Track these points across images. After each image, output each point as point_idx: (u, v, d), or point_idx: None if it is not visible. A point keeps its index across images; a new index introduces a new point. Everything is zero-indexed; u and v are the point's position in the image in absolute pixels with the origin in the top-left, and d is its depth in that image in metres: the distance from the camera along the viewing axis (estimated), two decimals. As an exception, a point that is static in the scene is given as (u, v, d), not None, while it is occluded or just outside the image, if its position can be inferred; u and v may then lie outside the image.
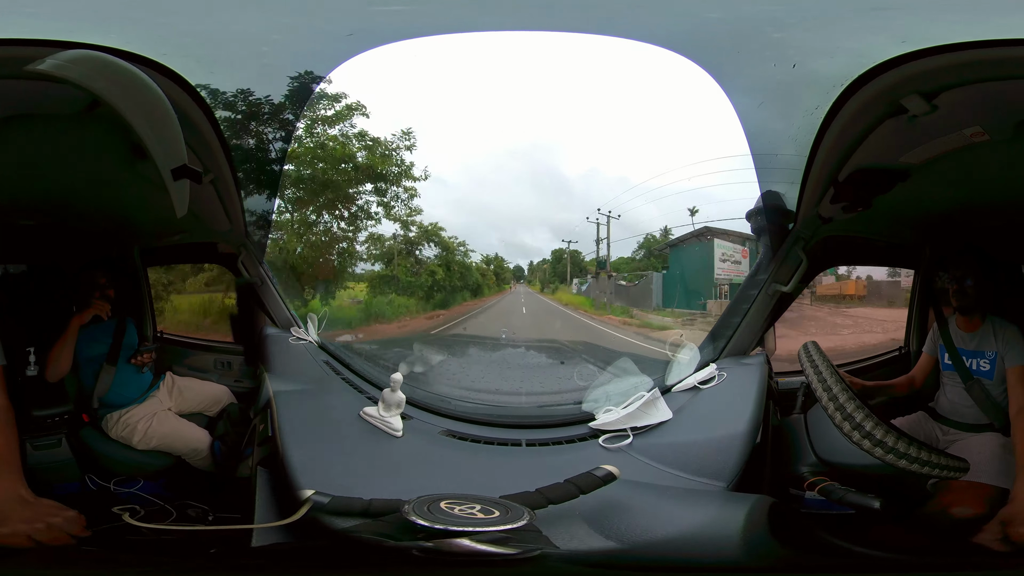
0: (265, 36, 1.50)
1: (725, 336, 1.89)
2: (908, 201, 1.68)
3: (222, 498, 1.68)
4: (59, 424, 1.73)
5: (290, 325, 2.17)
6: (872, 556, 1.18)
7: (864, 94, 1.39)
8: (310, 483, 1.22)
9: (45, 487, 1.39)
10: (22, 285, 1.95)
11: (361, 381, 1.84)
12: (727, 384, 1.67)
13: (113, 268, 1.93)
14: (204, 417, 1.97)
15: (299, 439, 1.40)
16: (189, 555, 1.19)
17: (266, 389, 1.68)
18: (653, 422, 1.54)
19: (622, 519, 1.12)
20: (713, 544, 1.07)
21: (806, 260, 1.80)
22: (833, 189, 1.67)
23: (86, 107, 1.37)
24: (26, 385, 1.68)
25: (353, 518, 1.13)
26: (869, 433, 1.30)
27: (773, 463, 1.59)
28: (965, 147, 1.45)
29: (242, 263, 2.13)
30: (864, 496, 1.37)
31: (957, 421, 1.69)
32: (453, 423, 1.65)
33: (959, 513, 1.38)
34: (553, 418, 1.70)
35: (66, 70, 1.15)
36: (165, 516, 1.53)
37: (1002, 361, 1.60)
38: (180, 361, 2.14)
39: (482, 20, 1.65)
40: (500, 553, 0.97)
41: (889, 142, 1.49)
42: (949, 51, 1.23)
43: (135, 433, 1.81)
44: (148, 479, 1.81)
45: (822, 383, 1.42)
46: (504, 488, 1.18)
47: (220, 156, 1.78)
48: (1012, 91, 1.28)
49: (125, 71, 1.24)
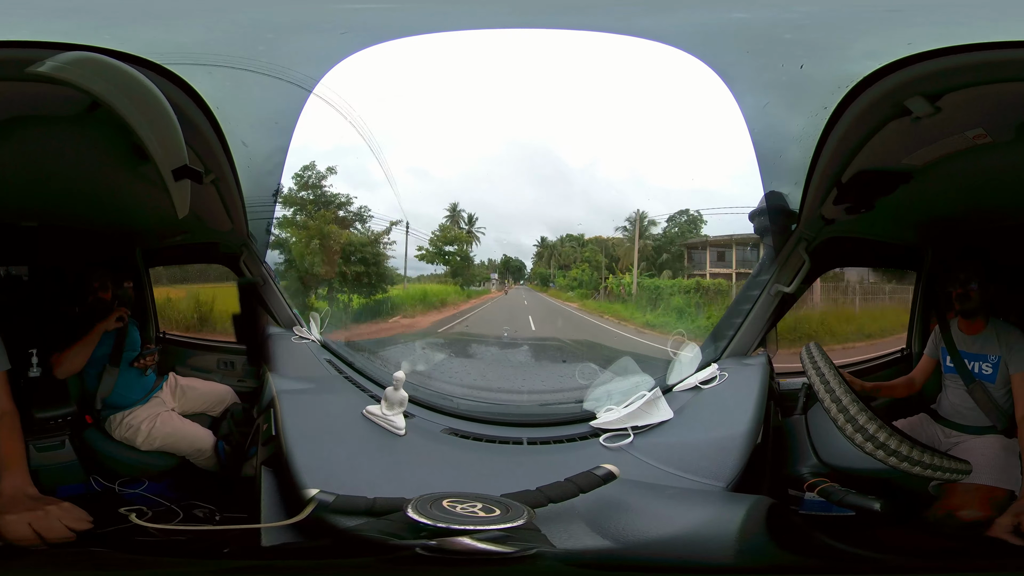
0: (259, 35, 1.49)
1: (727, 336, 1.89)
2: (911, 203, 1.68)
3: (228, 498, 1.69)
4: (62, 426, 1.73)
5: (293, 324, 2.17)
6: (870, 558, 1.18)
7: (869, 96, 1.38)
8: (314, 482, 1.23)
9: (49, 489, 1.39)
10: (23, 287, 1.96)
11: (364, 379, 1.85)
12: (728, 384, 1.68)
13: (121, 270, 1.94)
14: (208, 417, 1.98)
15: (303, 438, 1.40)
16: (199, 555, 1.20)
17: (269, 388, 1.69)
18: (654, 421, 1.54)
19: (621, 518, 1.13)
20: (710, 545, 1.08)
21: (809, 261, 1.79)
22: (836, 190, 1.67)
23: (86, 109, 1.37)
24: (29, 387, 1.69)
25: (357, 517, 1.14)
26: (872, 435, 1.31)
27: (773, 464, 1.60)
28: (968, 149, 1.45)
29: (244, 263, 2.13)
30: (864, 498, 1.38)
31: (959, 423, 1.69)
32: (455, 421, 1.66)
33: (965, 516, 1.39)
34: (554, 417, 1.71)
35: (66, 72, 1.15)
36: (172, 517, 1.53)
37: (1005, 365, 1.61)
38: (183, 361, 2.15)
39: (483, 19, 1.63)
40: (499, 552, 0.97)
41: (893, 144, 1.49)
42: (953, 53, 1.22)
43: (138, 434, 1.82)
44: (153, 480, 1.81)
45: (824, 384, 1.42)
46: (505, 486, 1.19)
47: (220, 156, 1.77)
48: (1015, 93, 1.28)
49: (124, 73, 1.24)
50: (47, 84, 1.18)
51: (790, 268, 1.83)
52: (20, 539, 1.13)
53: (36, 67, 1.15)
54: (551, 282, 2.97)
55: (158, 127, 1.28)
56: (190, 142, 1.41)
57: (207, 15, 1.36)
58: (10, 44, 1.24)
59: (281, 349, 2.00)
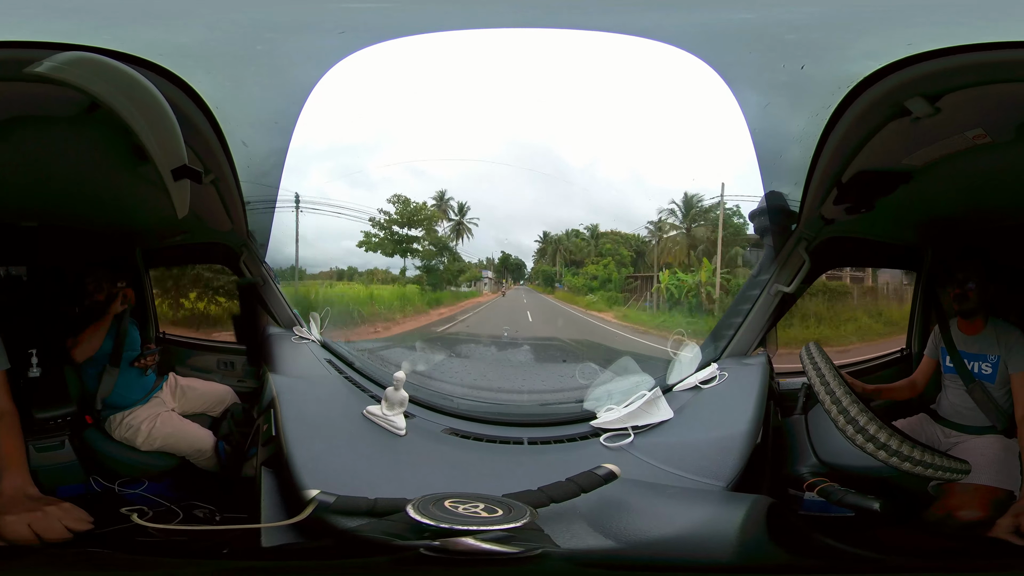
0: (259, 35, 1.48)
1: (727, 336, 1.89)
2: (911, 203, 1.68)
3: (228, 498, 1.69)
4: (61, 426, 1.72)
5: (293, 324, 2.17)
6: (869, 558, 1.18)
7: (869, 96, 1.38)
8: (314, 482, 1.23)
9: (49, 489, 1.38)
10: (23, 287, 1.95)
11: (364, 380, 1.85)
12: (728, 384, 1.68)
13: (120, 270, 1.93)
14: (208, 417, 1.98)
15: (303, 438, 1.40)
16: (199, 555, 1.20)
17: (269, 389, 1.69)
18: (654, 421, 1.55)
19: (622, 518, 1.13)
20: (710, 544, 1.08)
21: (809, 261, 1.80)
22: (836, 191, 1.67)
23: (85, 109, 1.36)
24: (28, 387, 1.68)
25: (359, 517, 1.14)
26: (872, 436, 1.31)
27: (773, 464, 1.60)
28: (968, 149, 1.45)
29: (244, 263, 2.13)
30: (864, 497, 1.38)
31: (959, 423, 1.69)
32: (456, 421, 1.66)
33: (965, 516, 1.39)
34: (555, 416, 1.71)
35: (64, 72, 1.15)
36: (172, 517, 1.53)
37: (1005, 365, 1.61)
38: (183, 361, 2.15)
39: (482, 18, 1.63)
40: (503, 552, 0.98)
41: (893, 144, 1.49)
42: (952, 53, 1.22)
43: (138, 434, 1.81)
44: (153, 480, 1.81)
45: (824, 385, 1.43)
46: (507, 486, 1.19)
47: (220, 156, 1.77)
48: (1014, 93, 1.28)
49: (122, 73, 1.24)
50: (46, 84, 1.17)
51: (790, 268, 1.83)
52: (20, 539, 1.13)
53: (35, 67, 1.14)
54: (558, 282, 2.44)
55: (157, 127, 1.28)
56: (189, 142, 1.41)
57: (207, 15, 1.36)
58: (9, 44, 1.24)
59: (281, 349, 2.00)
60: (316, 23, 1.56)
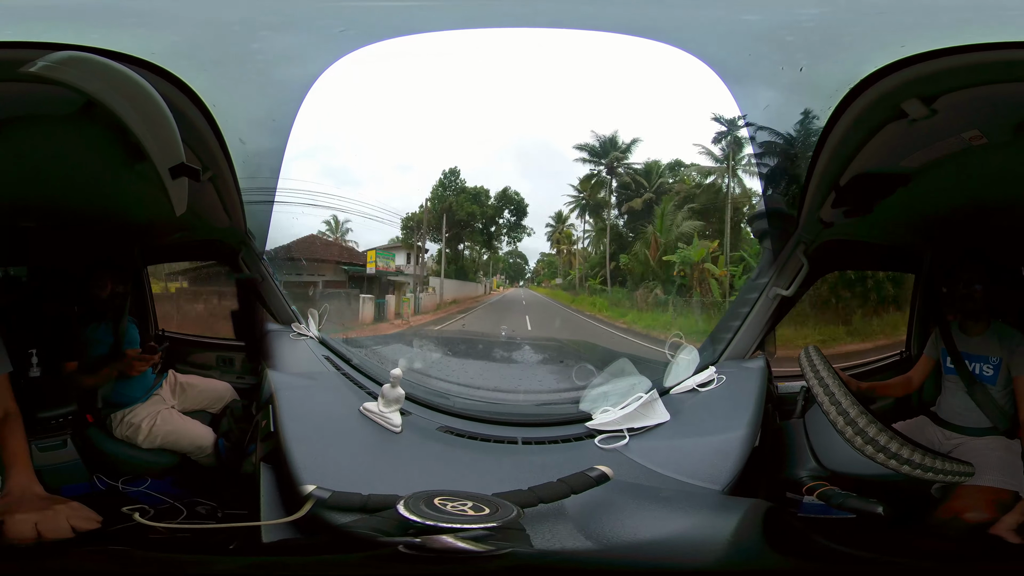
0: (255, 33, 1.48)
1: (725, 339, 1.88)
2: (909, 205, 1.66)
3: (229, 494, 1.70)
4: (63, 425, 1.73)
5: (291, 321, 2.17)
6: (874, 561, 1.17)
7: (865, 99, 1.36)
8: (311, 478, 1.23)
9: (53, 489, 1.39)
10: (23, 287, 1.96)
11: (361, 376, 1.85)
12: (726, 387, 1.67)
13: (119, 269, 1.94)
14: (207, 415, 1.99)
15: (301, 435, 1.40)
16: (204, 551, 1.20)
17: (268, 385, 1.69)
18: (650, 423, 1.53)
19: (608, 520, 1.12)
20: (702, 548, 1.07)
21: (807, 264, 1.78)
22: (834, 193, 1.65)
23: (81, 108, 1.36)
24: (29, 387, 1.69)
25: (352, 513, 1.14)
26: (872, 439, 1.29)
27: (771, 467, 1.58)
28: (964, 150, 1.43)
29: (243, 259, 2.13)
30: (866, 501, 1.36)
31: (959, 425, 1.67)
32: (451, 419, 1.66)
33: (972, 518, 1.37)
34: (550, 417, 1.70)
35: (59, 72, 1.14)
36: (175, 514, 1.54)
37: (1007, 367, 1.59)
38: (182, 359, 2.16)
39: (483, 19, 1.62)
40: (470, 550, 0.96)
41: (890, 146, 1.47)
42: (950, 54, 1.20)
43: (139, 432, 1.82)
44: (155, 478, 1.82)
45: (823, 387, 1.41)
46: (499, 485, 1.18)
47: (217, 153, 1.77)
48: (1011, 94, 1.26)
49: (118, 72, 1.24)
50: (42, 84, 1.17)
51: (788, 271, 1.81)
52: (29, 538, 1.12)
53: (30, 67, 1.14)
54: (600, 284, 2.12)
55: (154, 125, 1.28)
56: (187, 140, 1.41)
57: (204, 13, 1.35)
58: (5, 45, 1.24)
59: (280, 346, 2.00)
60: (314, 21, 1.55)
